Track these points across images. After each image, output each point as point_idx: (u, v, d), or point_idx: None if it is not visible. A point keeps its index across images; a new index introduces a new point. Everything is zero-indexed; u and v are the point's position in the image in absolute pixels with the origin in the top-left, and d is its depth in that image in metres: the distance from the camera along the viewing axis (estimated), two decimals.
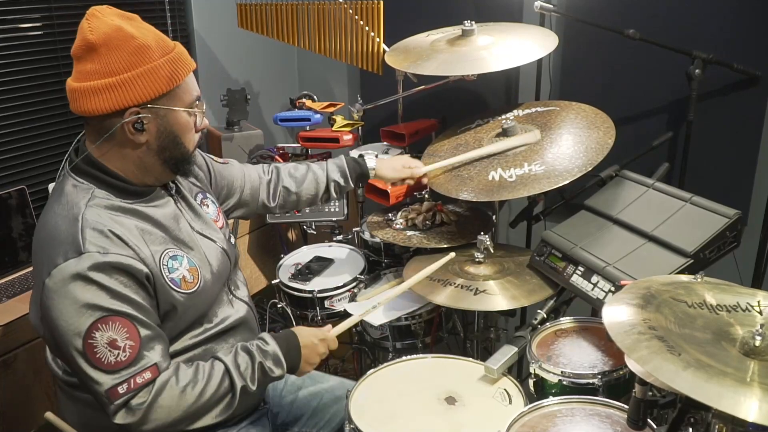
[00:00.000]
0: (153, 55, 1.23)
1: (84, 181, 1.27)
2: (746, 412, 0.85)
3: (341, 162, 1.81)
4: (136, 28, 1.25)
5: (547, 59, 2.31)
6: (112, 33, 1.21)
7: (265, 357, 1.34)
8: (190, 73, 1.31)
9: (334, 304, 2.02)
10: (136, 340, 1.19)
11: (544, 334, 1.59)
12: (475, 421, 1.37)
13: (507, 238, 2.65)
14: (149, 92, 1.23)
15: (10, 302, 1.86)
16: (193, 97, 1.32)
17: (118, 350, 1.18)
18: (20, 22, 2.14)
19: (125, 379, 1.18)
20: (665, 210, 1.61)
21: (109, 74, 1.21)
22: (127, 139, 1.26)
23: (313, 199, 1.80)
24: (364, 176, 1.83)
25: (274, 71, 3.10)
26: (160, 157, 1.31)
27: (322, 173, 1.79)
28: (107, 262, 1.18)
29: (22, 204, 2.06)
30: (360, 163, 1.81)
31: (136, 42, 1.22)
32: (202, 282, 1.35)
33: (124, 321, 1.18)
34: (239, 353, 1.33)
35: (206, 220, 1.46)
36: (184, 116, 1.30)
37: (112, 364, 1.17)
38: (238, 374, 1.30)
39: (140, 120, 1.24)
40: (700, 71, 1.99)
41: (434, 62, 1.96)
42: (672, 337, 1.00)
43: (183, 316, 1.32)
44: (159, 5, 2.56)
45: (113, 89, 1.21)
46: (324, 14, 2.33)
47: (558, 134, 1.84)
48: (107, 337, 1.17)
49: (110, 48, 1.21)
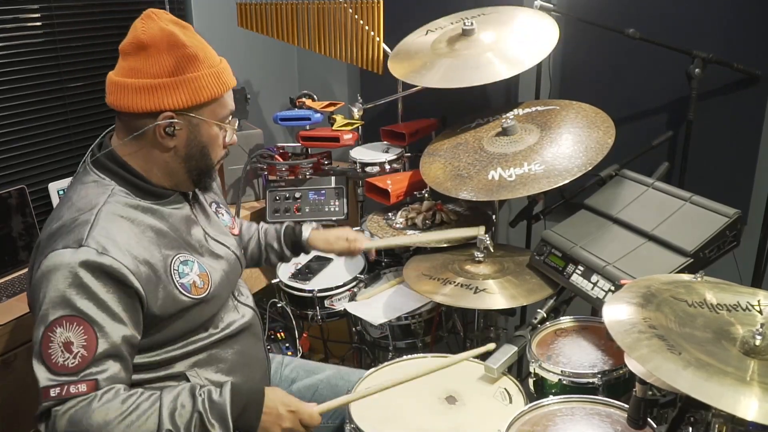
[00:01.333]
0: (200, 65, 1.26)
1: (105, 177, 1.28)
2: (746, 411, 0.85)
3: (279, 228, 1.81)
4: (188, 37, 1.27)
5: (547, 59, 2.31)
6: (165, 37, 1.24)
7: (210, 409, 1.19)
8: (230, 89, 1.34)
9: (334, 304, 2.02)
10: (91, 351, 1.15)
11: (544, 334, 1.59)
12: (475, 420, 1.37)
13: (507, 238, 2.65)
14: (188, 100, 1.25)
15: (10, 302, 1.86)
16: (228, 112, 1.35)
17: (69, 354, 1.14)
18: (20, 21, 2.14)
19: (60, 384, 1.13)
20: (665, 209, 1.61)
21: (154, 76, 1.23)
22: (156, 142, 1.28)
23: (256, 261, 1.81)
24: (299, 245, 1.80)
25: (274, 71, 3.10)
26: (185, 165, 1.33)
27: (263, 237, 1.80)
28: (100, 263, 1.16)
29: (22, 204, 2.05)
30: (296, 231, 1.79)
31: (186, 50, 1.24)
32: (212, 287, 1.35)
33: (87, 327, 1.15)
34: (183, 394, 1.20)
35: (220, 226, 1.48)
36: (216, 129, 1.33)
37: (58, 365, 1.14)
38: (169, 417, 1.16)
39: (172, 125, 1.26)
40: (700, 71, 1.99)
41: (438, 71, 1.95)
42: (672, 336, 1.00)
43: (189, 320, 1.32)
44: (159, 5, 2.56)
45: (154, 91, 1.23)
46: (324, 14, 2.33)
47: (558, 134, 1.84)
48: (65, 337, 1.14)
49: (160, 50, 1.23)
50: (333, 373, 1.66)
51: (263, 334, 1.56)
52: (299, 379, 1.65)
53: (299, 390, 1.63)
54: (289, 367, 1.69)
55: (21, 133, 2.17)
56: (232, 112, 1.36)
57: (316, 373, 1.66)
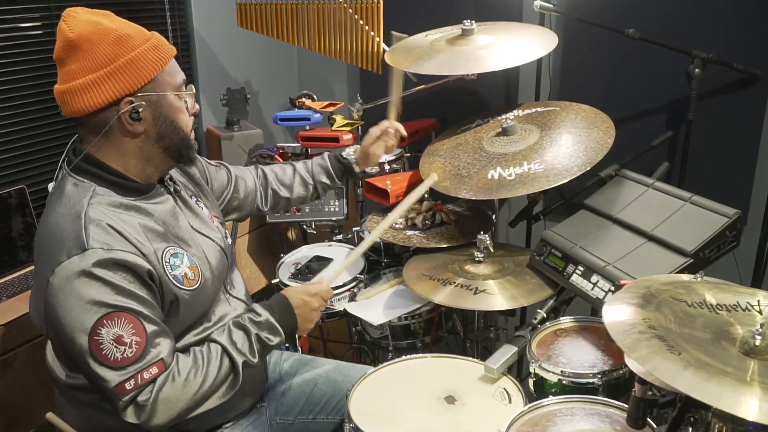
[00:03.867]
0: (134, 43, 1.25)
1: (85, 180, 1.27)
2: (746, 411, 0.85)
3: (325, 162, 1.83)
4: (113, 21, 1.26)
5: (546, 59, 2.31)
6: (92, 28, 1.23)
7: (260, 328, 1.34)
8: (172, 57, 1.31)
9: (334, 304, 2.01)
10: (142, 335, 1.20)
11: (544, 334, 1.59)
12: (475, 420, 1.37)
13: (507, 238, 2.65)
14: (138, 79, 1.24)
15: (10, 302, 1.86)
16: (180, 79, 1.33)
17: (124, 346, 1.18)
18: (20, 21, 2.14)
19: (132, 375, 1.18)
20: (665, 209, 1.61)
21: (96, 68, 1.22)
22: (126, 131, 1.27)
23: (303, 200, 1.85)
24: (350, 172, 1.84)
25: (274, 71, 3.10)
26: (160, 145, 1.31)
27: (309, 176, 1.81)
28: (111, 258, 1.18)
29: (22, 204, 2.06)
30: (342, 161, 1.83)
31: (116, 33, 1.24)
32: (203, 279, 1.35)
33: (129, 317, 1.19)
34: (233, 330, 1.34)
35: (204, 218, 1.47)
36: (175, 100, 1.32)
37: (118, 360, 1.17)
38: (236, 351, 1.30)
39: (135, 108, 1.25)
40: (700, 71, 1.99)
41: (434, 62, 1.96)
42: (672, 336, 1.00)
43: (186, 314, 1.32)
44: (159, 5, 2.56)
45: (103, 82, 1.22)
46: (324, 14, 2.33)
47: (558, 134, 1.84)
48: (113, 334, 1.17)
49: (92, 43, 1.22)
50: (332, 368, 1.67)
51: None
52: (299, 373, 1.66)
53: (299, 384, 1.64)
54: (289, 362, 1.70)
55: (21, 133, 2.17)
56: (185, 80, 1.35)
57: (315, 367, 1.67)
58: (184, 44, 2.71)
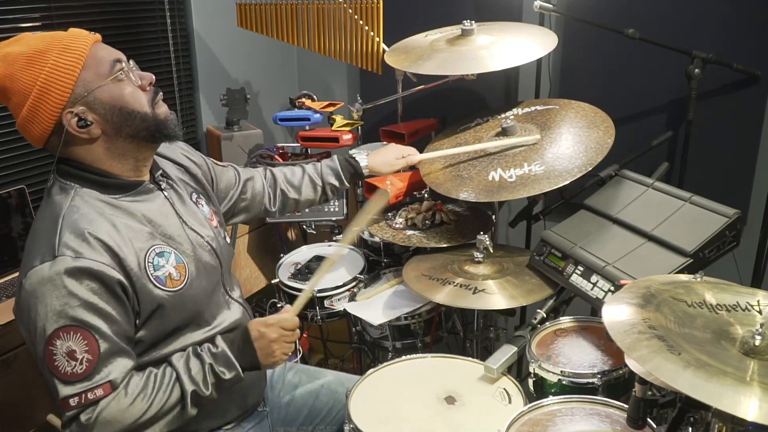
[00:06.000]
0: (46, 56, 1.21)
1: (68, 182, 1.27)
2: (746, 411, 0.85)
3: (335, 164, 1.83)
4: (22, 44, 1.23)
5: (546, 59, 2.31)
6: (4, 64, 1.21)
7: (216, 360, 1.30)
8: (90, 46, 1.24)
9: (334, 304, 2.02)
10: (95, 354, 1.18)
11: (544, 334, 1.59)
12: (475, 420, 1.37)
13: (507, 238, 2.65)
14: (63, 90, 1.21)
15: (10, 302, 1.86)
16: (108, 64, 1.25)
17: (75, 362, 1.17)
18: (20, 22, 2.14)
19: (77, 393, 1.17)
20: (665, 209, 1.61)
21: (25, 98, 1.21)
22: (84, 140, 1.25)
23: (311, 202, 1.84)
24: (358, 176, 1.85)
25: (274, 71, 3.10)
26: (123, 137, 1.27)
27: (318, 177, 1.81)
28: (78, 267, 1.16)
29: (21, 204, 2.06)
30: (353, 164, 1.83)
31: (25, 55, 1.21)
32: (189, 279, 1.33)
33: (85, 333, 1.17)
34: (191, 358, 1.31)
35: (197, 215, 1.44)
36: (114, 86, 1.24)
37: (68, 374, 1.17)
38: (189, 379, 1.27)
39: (77, 116, 1.22)
40: (699, 71, 1.99)
41: (434, 62, 1.96)
42: (672, 336, 1.00)
43: (172, 315, 1.31)
44: (159, 5, 2.56)
45: (36, 109, 1.21)
46: (324, 14, 2.33)
47: (558, 134, 1.84)
48: (66, 347, 1.16)
49: (11, 77, 1.21)
50: (333, 379, 1.68)
51: None
52: (302, 384, 1.66)
53: (302, 395, 1.64)
54: (292, 372, 1.70)
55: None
56: (117, 59, 1.26)
57: (318, 378, 1.68)
58: (184, 44, 2.71)
